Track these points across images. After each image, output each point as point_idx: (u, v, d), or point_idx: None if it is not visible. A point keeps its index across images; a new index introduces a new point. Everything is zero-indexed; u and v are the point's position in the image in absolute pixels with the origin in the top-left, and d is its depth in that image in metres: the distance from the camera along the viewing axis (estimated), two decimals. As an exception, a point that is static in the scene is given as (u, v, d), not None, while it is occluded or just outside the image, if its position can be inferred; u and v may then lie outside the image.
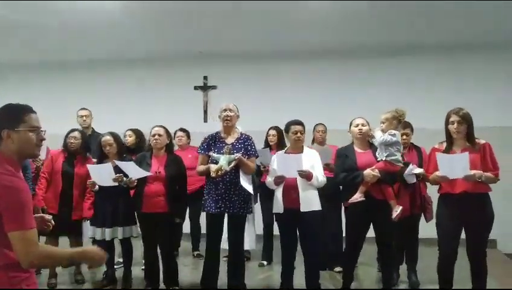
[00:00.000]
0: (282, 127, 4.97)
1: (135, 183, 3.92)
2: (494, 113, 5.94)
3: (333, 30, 5.77)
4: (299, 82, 6.68)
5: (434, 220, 3.68)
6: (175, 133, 5.28)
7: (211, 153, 3.84)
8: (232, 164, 3.69)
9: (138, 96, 7.02)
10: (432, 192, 4.12)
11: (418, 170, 3.72)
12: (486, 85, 6.18)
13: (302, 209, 3.66)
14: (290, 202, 3.72)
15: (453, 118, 3.36)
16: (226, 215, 3.88)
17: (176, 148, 4.90)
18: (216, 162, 3.72)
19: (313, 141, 4.93)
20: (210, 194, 3.84)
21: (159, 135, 3.98)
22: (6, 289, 1.69)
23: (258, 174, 4.80)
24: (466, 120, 3.35)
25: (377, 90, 6.36)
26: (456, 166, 3.22)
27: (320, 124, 4.94)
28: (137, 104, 6.96)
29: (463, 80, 6.24)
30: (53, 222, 2.06)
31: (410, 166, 3.77)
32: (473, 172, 3.19)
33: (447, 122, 3.41)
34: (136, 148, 4.68)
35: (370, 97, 6.24)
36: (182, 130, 5.40)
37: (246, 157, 3.82)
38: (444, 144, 3.49)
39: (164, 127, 4.06)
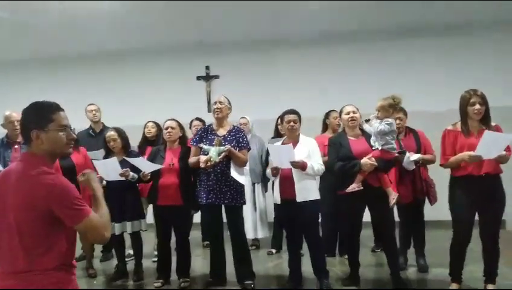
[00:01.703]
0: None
1: (148, 177, 3.97)
2: (497, 93, 5.89)
3: (333, 16, 5.71)
4: (304, 69, 6.61)
5: (443, 203, 3.66)
6: (191, 123, 5.28)
7: (201, 145, 3.87)
8: (222, 156, 3.71)
9: (140, 88, 7.00)
10: (433, 175, 4.15)
11: (415, 156, 3.70)
12: (487, 66, 6.10)
13: (298, 200, 3.65)
14: (287, 193, 3.71)
15: (475, 99, 3.27)
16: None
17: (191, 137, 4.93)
18: (207, 154, 3.75)
19: (326, 129, 4.79)
20: (202, 185, 3.89)
21: (172, 128, 4.03)
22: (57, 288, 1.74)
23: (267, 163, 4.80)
24: (485, 101, 3.29)
25: (379, 73, 6.32)
26: (495, 146, 3.14)
27: (334, 110, 4.79)
28: (140, 96, 6.95)
29: (462, 61, 6.18)
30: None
31: (407, 154, 3.76)
32: (504, 152, 3.16)
33: (466, 104, 3.32)
34: (155, 140, 4.72)
35: (373, 81, 6.20)
36: (198, 119, 5.38)
37: (238, 149, 3.84)
38: (457, 126, 3.42)
39: (176, 120, 4.11)
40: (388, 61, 6.41)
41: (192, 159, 3.91)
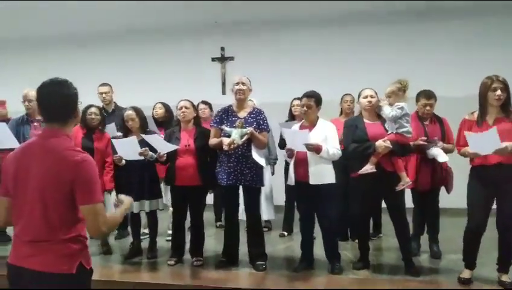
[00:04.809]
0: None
1: (164, 158, 4.01)
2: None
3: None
4: (321, 52, 6.52)
5: (459, 191, 3.61)
6: (197, 106, 5.29)
7: (223, 127, 3.87)
8: (244, 138, 3.73)
9: (155, 69, 7.01)
10: (452, 163, 4.08)
11: (440, 145, 3.70)
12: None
13: (311, 182, 3.67)
14: (300, 175, 3.74)
15: (497, 84, 3.19)
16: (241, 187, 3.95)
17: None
18: (228, 136, 3.77)
19: (341, 112, 4.80)
20: (222, 166, 3.91)
21: (186, 108, 4.04)
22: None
23: (282, 146, 4.80)
24: (507, 87, 3.21)
25: (399, 57, 6.20)
26: (486, 143, 3.09)
27: (348, 94, 4.80)
28: (154, 76, 6.96)
29: (486, 46, 6.01)
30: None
31: (439, 143, 3.78)
32: (504, 145, 3.05)
33: (487, 90, 3.23)
34: (165, 122, 4.74)
35: (393, 64, 6.08)
36: (204, 102, 5.38)
37: (258, 131, 3.85)
38: (475, 114, 3.35)
39: (190, 101, 4.12)
40: (407, 44, 6.29)
41: (213, 141, 3.93)
